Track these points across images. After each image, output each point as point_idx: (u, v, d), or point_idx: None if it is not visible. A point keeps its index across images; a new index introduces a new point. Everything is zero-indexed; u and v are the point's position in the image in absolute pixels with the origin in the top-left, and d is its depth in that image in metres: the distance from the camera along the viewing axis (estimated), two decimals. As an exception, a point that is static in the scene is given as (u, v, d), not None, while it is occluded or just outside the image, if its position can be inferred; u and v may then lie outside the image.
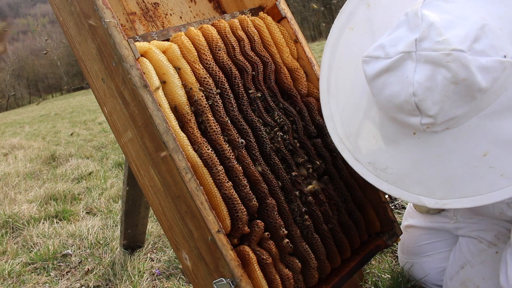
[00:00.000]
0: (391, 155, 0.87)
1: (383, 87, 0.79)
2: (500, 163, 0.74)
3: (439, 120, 0.75)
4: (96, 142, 5.19)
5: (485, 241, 1.18)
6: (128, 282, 1.66)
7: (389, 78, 0.77)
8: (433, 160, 0.81)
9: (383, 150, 0.89)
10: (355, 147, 0.94)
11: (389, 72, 0.77)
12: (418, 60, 0.73)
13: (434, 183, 0.81)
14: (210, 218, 0.87)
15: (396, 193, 0.86)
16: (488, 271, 1.14)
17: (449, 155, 0.79)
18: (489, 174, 0.75)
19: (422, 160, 0.82)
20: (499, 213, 1.10)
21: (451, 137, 0.79)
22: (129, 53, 0.89)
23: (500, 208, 1.08)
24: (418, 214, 1.40)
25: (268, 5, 1.26)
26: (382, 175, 0.88)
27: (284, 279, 0.98)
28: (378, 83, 0.80)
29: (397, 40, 0.77)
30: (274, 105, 1.11)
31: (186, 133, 0.95)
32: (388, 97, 0.78)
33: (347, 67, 0.98)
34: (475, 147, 0.76)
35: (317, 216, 1.08)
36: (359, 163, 0.93)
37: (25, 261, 1.97)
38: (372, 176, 0.90)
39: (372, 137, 0.91)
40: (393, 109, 0.79)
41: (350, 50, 0.98)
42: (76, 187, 3.08)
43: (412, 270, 1.36)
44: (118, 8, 1.24)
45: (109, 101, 0.99)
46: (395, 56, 0.76)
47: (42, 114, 13.64)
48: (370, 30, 0.92)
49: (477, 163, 0.76)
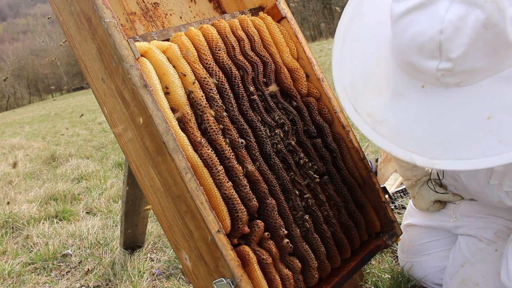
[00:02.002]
0: (393, 107, 0.86)
1: (409, 26, 0.77)
2: (501, 128, 0.73)
3: (457, 68, 0.74)
4: (96, 142, 5.19)
5: (485, 239, 1.18)
6: (128, 282, 1.66)
7: (418, 15, 0.76)
8: (435, 117, 0.80)
9: (386, 102, 0.87)
10: (357, 98, 0.93)
11: (419, 9, 0.76)
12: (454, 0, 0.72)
13: (429, 142, 0.80)
14: (210, 218, 0.87)
15: (388, 147, 0.85)
16: (488, 269, 1.14)
17: (452, 113, 0.78)
18: (488, 138, 0.74)
19: (424, 116, 0.81)
20: (497, 201, 1.10)
21: (459, 95, 0.77)
22: (129, 53, 0.89)
23: (499, 197, 1.08)
24: (418, 213, 1.41)
25: (268, 5, 1.26)
26: (378, 128, 0.87)
27: (284, 279, 0.98)
28: (405, 21, 0.78)
29: None
30: (274, 105, 1.11)
31: (186, 133, 0.95)
32: (411, 36, 0.77)
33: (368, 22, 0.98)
34: (481, 108, 0.75)
35: (317, 216, 1.08)
36: (357, 114, 0.91)
37: (25, 261, 1.97)
38: (368, 128, 0.88)
39: (377, 88, 0.90)
40: (413, 50, 0.77)
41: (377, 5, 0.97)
42: (76, 187, 3.08)
43: (412, 270, 1.36)
44: (118, 8, 1.24)
45: (109, 101, 0.99)
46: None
47: (42, 114, 13.64)
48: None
49: (478, 125, 0.75)
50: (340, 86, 0.97)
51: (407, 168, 1.36)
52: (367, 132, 0.88)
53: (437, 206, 1.35)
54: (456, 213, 1.30)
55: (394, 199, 1.97)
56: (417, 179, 1.36)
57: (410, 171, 1.36)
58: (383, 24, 0.91)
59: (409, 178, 1.37)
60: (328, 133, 1.19)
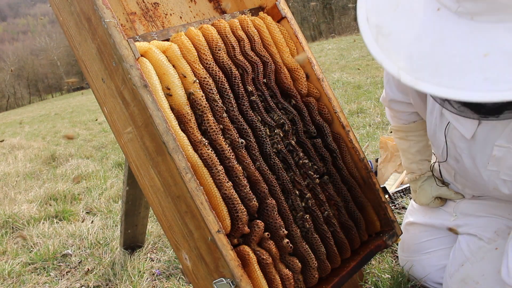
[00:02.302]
0: (401, 24, 0.87)
1: None
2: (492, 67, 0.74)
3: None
4: (96, 142, 5.19)
5: (485, 238, 1.18)
6: (128, 282, 1.66)
7: None
8: (437, 41, 0.81)
9: (396, 18, 0.89)
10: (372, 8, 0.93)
11: None
12: None
13: (421, 63, 0.81)
14: (210, 218, 0.87)
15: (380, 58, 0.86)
16: (488, 267, 1.14)
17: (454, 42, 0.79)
18: (475, 74, 0.74)
19: (427, 38, 0.82)
20: (492, 188, 1.10)
21: (468, 27, 0.78)
22: (129, 53, 0.89)
23: (494, 183, 1.08)
24: (419, 212, 1.41)
25: (268, 5, 1.26)
26: (380, 40, 0.88)
27: (284, 279, 0.98)
28: None
29: None
30: (274, 105, 1.11)
31: (186, 133, 0.95)
32: None
33: None
34: (481, 45, 0.75)
35: (317, 216, 1.08)
36: (367, 23, 0.92)
37: (25, 261, 1.97)
38: (371, 38, 0.89)
39: (396, 3, 0.90)
40: None
41: None
42: (76, 187, 3.08)
43: (412, 269, 1.36)
44: (118, 8, 1.24)
45: (109, 101, 0.99)
46: None
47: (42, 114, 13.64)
48: None
49: (472, 59, 0.76)
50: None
51: (412, 160, 1.36)
52: (368, 41, 0.89)
53: (438, 203, 1.35)
54: (456, 212, 1.30)
55: (394, 199, 1.97)
56: (422, 173, 1.36)
57: (416, 164, 1.36)
58: None
59: (414, 171, 1.38)
60: (328, 133, 1.19)
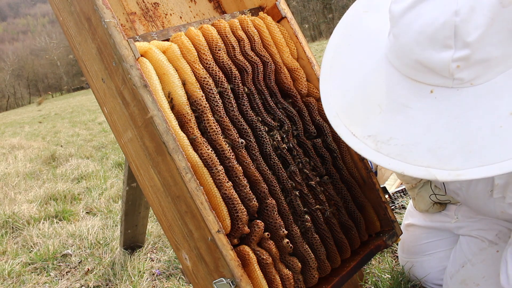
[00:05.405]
0: (399, 122, 0.78)
1: (415, 19, 0.72)
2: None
3: (473, 57, 0.68)
4: (96, 142, 5.19)
5: (486, 240, 1.18)
6: (128, 282, 1.66)
7: (425, 6, 0.71)
8: (450, 123, 0.72)
9: (388, 119, 0.79)
10: (353, 121, 0.85)
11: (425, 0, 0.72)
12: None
13: (447, 152, 0.71)
14: (210, 218, 0.87)
15: (399, 167, 0.75)
16: (489, 270, 1.14)
17: (469, 115, 0.70)
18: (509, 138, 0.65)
19: (437, 124, 0.73)
20: (500, 212, 1.09)
21: (474, 95, 0.71)
22: (129, 53, 0.89)
23: (501, 207, 1.07)
24: (419, 213, 1.40)
25: (268, 5, 1.26)
26: (384, 148, 0.78)
27: (284, 279, 0.98)
28: (409, 16, 0.73)
29: None
30: (274, 105, 1.11)
31: (186, 133, 0.95)
32: (420, 28, 0.71)
33: (356, 43, 0.94)
34: (501, 105, 0.68)
35: (317, 216, 1.08)
36: (356, 138, 0.83)
37: (25, 261, 1.97)
38: (371, 151, 0.79)
39: (376, 106, 0.82)
40: (422, 44, 0.72)
41: (361, 30, 0.94)
42: (76, 187, 3.08)
43: (412, 270, 1.36)
44: (118, 8, 1.24)
45: (109, 101, 0.99)
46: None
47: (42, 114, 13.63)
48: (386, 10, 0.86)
49: (502, 123, 0.67)
50: (333, 113, 0.90)
51: None
52: (371, 156, 0.79)
53: (437, 208, 1.34)
54: (457, 214, 1.30)
55: (394, 199, 1.97)
56: (417, 182, 1.35)
57: None
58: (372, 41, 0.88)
59: (408, 181, 1.37)
60: (328, 133, 1.19)
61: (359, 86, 0.88)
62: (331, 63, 0.97)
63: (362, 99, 0.86)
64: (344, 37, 0.98)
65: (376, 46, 0.88)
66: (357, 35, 0.95)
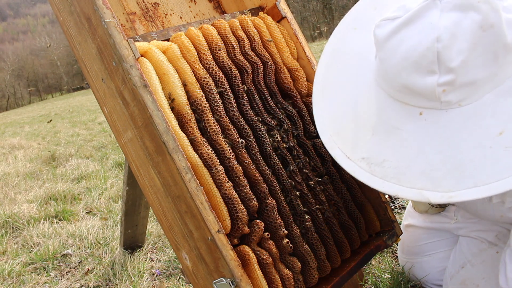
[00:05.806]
0: (391, 145, 0.79)
1: (399, 44, 0.73)
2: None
3: (458, 80, 0.69)
4: (96, 142, 5.19)
5: (486, 241, 1.18)
6: (128, 282, 1.66)
7: (408, 31, 0.72)
8: (441, 145, 0.73)
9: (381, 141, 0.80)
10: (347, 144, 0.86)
11: (408, 25, 0.72)
12: (444, 9, 0.69)
13: (440, 173, 0.71)
14: (210, 218, 0.87)
15: (392, 190, 0.76)
16: (488, 270, 1.14)
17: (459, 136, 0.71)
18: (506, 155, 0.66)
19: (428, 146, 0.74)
20: (499, 216, 1.09)
21: (462, 115, 0.71)
22: (129, 53, 0.89)
23: (500, 211, 1.07)
24: (419, 214, 1.40)
25: (268, 5, 1.26)
26: (377, 171, 0.79)
27: (284, 279, 0.98)
28: (393, 41, 0.74)
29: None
30: (274, 105, 1.11)
31: (186, 133, 0.95)
32: (403, 53, 0.72)
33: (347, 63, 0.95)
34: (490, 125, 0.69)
35: (317, 216, 1.08)
36: (350, 161, 0.84)
37: (25, 261, 1.97)
38: (365, 173, 0.80)
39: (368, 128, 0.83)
40: (407, 69, 0.73)
41: (351, 48, 0.95)
42: (76, 187, 3.08)
43: (412, 270, 1.36)
44: (118, 8, 1.24)
45: (109, 101, 0.99)
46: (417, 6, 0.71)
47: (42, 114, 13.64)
48: None
49: (491, 143, 0.68)
50: (327, 136, 0.91)
51: None
52: (365, 179, 0.80)
53: (436, 209, 1.34)
54: (457, 215, 1.30)
55: (394, 199, 1.97)
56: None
57: None
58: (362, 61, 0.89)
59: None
60: (328, 133, 1.19)
61: (351, 108, 0.89)
62: (322, 84, 0.98)
63: (354, 121, 0.87)
64: (334, 56, 0.98)
65: (366, 66, 0.88)
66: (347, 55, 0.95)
